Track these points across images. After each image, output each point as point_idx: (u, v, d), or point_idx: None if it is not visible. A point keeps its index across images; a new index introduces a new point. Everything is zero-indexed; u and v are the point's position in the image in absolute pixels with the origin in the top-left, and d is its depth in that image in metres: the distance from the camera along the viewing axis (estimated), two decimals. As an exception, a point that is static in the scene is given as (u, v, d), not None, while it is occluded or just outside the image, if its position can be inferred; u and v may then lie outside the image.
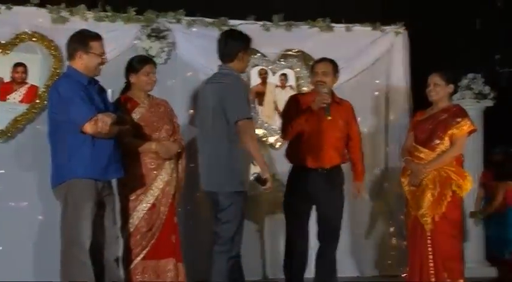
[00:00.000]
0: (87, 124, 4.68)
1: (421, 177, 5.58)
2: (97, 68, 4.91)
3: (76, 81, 4.81)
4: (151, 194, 5.35)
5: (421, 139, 5.70)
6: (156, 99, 5.59)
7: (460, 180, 5.55)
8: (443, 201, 5.52)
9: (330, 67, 5.72)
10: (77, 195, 4.75)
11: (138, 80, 5.45)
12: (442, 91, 5.69)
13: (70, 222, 4.75)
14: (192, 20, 6.91)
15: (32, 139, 6.37)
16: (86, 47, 4.85)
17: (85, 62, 4.85)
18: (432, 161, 5.59)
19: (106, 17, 6.65)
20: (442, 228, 5.53)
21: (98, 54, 4.88)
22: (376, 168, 7.34)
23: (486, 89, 7.25)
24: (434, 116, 5.72)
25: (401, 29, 7.41)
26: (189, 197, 6.56)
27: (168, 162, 5.42)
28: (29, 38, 6.47)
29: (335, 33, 7.28)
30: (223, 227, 5.00)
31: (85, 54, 4.84)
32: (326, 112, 5.53)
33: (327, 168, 5.64)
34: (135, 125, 5.32)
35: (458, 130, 5.62)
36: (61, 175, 4.80)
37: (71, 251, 4.73)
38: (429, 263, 5.54)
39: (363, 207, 7.23)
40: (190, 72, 6.92)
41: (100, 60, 4.90)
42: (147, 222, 5.34)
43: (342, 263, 6.08)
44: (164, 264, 5.38)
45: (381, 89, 7.43)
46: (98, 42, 4.91)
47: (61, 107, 4.74)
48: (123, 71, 5.53)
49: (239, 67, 5.13)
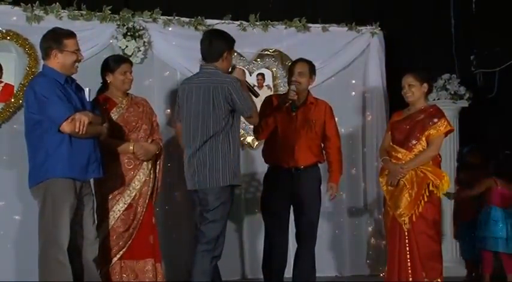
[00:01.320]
0: (65, 123, 4.64)
1: (399, 177, 5.58)
2: (73, 65, 4.85)
3: (53, 80, 4.76)
4: (128, 195, 5.31)
5: (398, 139, 5.71)
6: (135, 98, 5.54)
7: (437, 181, 5.57)
8: (420, 201, 5.52)
9: (306, 67, 5.73)
10: (55, 195, 4.69)
11: (115, 79, 5.40)
12: (417, 91, 5.69)
13: (48, 222, 4.70)
14: (168, 19, 6.87)
15: (9, 138, 6.29)
16: (60, 45, 4.79)
17: (61, 61, 4.80)
18: (409, 161, 5.59)
19: (81, 15, 6.59)
20: (419, 228, 5.53)
21: (73, 52, 4.82)
22: (354, 168, 7.34)
23: (461, 89, 7.28)
24: (411, 117, 5.72)
25: (377, 29, 7.44)
26: (168, 196, 6.52)
27: (145, 163, 5.38)
28: (3, 36, 6.39)
29: (311, 33, 7.28)
30: (209, 226, 4.96)
31: (60, 53, 4.79)
32: (292, 109, 5.59)
33: (300, 168, 5.63)
34: (113, 125, 5.27)
35: (435, 130, 5.63)
36: (39, 175, 4.74)
37: (49, 251, 4.67)
38: (407, 263, 5.55)
39: (341, 207, 7.24)
40: (167, 72, 6.89)
41: (75, 58, 4.84)
42: (123, 223, 5.30)
43: (320, 263, 6.07)
44: (143, 264, 5.35)
45: (357, 89, 7.45)
46: (72, 39, 4.85)
47: (38, 106, 4.68)
48: (99, 70, 5.48)
49: (223, 67, 5.09)
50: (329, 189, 5.80)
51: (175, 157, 6.05)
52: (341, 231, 7.24)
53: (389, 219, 5.68)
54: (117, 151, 5.29)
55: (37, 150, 4.75)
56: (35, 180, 4.78)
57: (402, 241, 5.55)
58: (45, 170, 4.71)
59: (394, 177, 5.60)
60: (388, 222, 5.71)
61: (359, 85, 7.44)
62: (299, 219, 5.69)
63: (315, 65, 6.80)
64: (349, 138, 7.32)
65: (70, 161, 4.70)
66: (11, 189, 6.16)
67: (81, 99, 4.90)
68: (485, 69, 7.62)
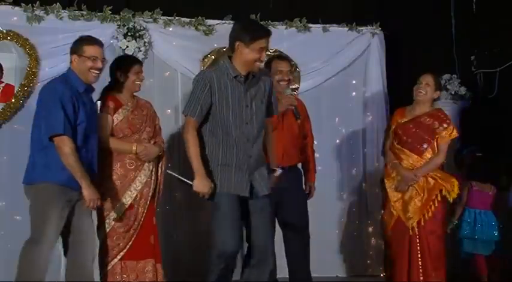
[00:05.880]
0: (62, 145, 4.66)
1: (411, 184, 5.63)
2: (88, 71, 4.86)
3: (72, 87, 4.80)
4: (129, 195, 5.29)
5: (406, 142, 5.74)
6: (140, 100, 5.54)
7: (449, 186, 5.65)
8: (430, 206, 5.62)
9: (290, 66, 5.73)
10: (45, 200, 4.72)
11: (127, 79, 5.38)
12: (430, 93, 5.75)
13: (35, 223, 4.74)
14: (169, 20, 6.87)
15: (9, 138, 6.31)
16: (79, 50, 4.86)
17: (77, 66, 4.86)
18: (422, 169, 5.66)
19: (81, 16, 6.59)
20: (430, 228, 5.63)
21: (88, 57, 4.85)
22: (354, 168, 7.35)
23: (462, 89, 7.28)
24: (417, 119, 5.76)
25: (377, 29, 7.43)
26: (168, 196, 6.51)
27: (147, 164, 5.36)
28: (3, 36, 6.39)
29: (312, 33, 7.28)
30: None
31: (78, 58, 4.86)
32: (296, 115, 5.52)
33: (285, 167, 5.50)
34: (117, 126, 5.29)
35: (444, 136, 5.72)
36: (35, 175, 4.78)
37: (30, 249, 4.71)
38: (418, 263, 5.60)
39: (341, 207, 7.26)
40: (167, 72, 6.89)
41: (91, 64, 4.85)
42: (124, 223, 5.28)
43: (320, 263, 6.10)
44: (143, 265, 5.33)
45: (358, 89, 7.44)
46: (92, 46, 4.89)
47: (44, 107, 4.72)
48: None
49: (238, 60, 4.58)
50: (307, 188, 5.81)
51: (175, 157, 6.05)
52: (341, 231, 7.25)
53: (394, 219, 5.70)
54: (119, 151, 5.29)
55: (39, 149, 4.77)
56: (30, 178, 4.82)
57: (413, 242, 5.62)
58: (40, 172, 4.74)
59: (406, 184, 5.64)
60: (392, 223, 5.73)
61: (359, 85, 7.44)
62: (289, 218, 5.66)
63: (315, 65, 6.86)
64: (349, 138, 7.33)
65: (64, 168, 4.70)
66: (11, 189, 6.13)
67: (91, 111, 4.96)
68: (485, 69, 7.61)
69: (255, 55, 4.51)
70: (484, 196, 6.64)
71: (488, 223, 6.55)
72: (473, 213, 6.60)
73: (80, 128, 4.79)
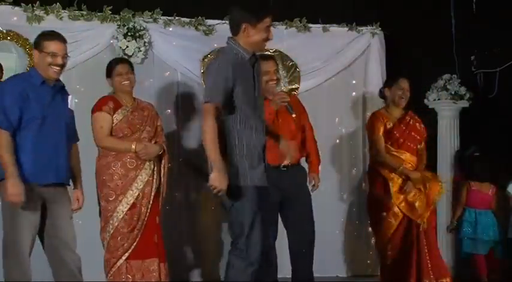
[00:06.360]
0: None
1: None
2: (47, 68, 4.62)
3: (25, 81, 4.62)
4: (131, 195, 5.31)
5: (403, 143, 5.90)
6: (142, 102, 5.56)
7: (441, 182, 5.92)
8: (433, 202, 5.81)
9: (276, 64, 5.74)
10: None
11: (113, 81, 5.44)
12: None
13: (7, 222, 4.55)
14: (169, 20, 6.86)
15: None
16: (40, 46, 4.66)
17: (37, 61, 4.68)
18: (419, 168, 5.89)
19: (81, 16, 6.58)
20: (433, 224, 5.86)
21: (47, 53, 4.61)
22: (354, 168, 7.35)
23: (462, 89, 7.28)
24: (404, 121, 5.96)
25: (377, 29, 7.43)
26: (168, 196, 6.48)
27: (148, 163, 5.38)
28: (3, 36, 6.39)
29: (312, 33, 7.27)
30: None
31: (38, 53, 4.65)
32: (290, 110, 5.49)
33: (287, 165, 5.52)
34: (116, 125, 5.32)
35: (424, 135, 6.01)
36: (1, 172, 4.51)
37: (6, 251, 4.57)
38: (427, 262, 5.68)
39: (341, 207, 7.27)
40: (167, 72, 6.88)
41: (50, 60, 4.60)
42: (127, 223, 5.29)
43: (321, 263, 6.07)
44: (148, 264, 5.35)
45: (358, 89, 7.43)
46: (52, 41, 4.65)
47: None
48: (100, 70, 5.51)
49: (246, 42, 4.26)
50: (311, 179, 5.79)
51: (175, 157, 6.04)
52: (341, 232, 7.26)
53: (399, 220, 5.79)
54: (118, 150, 5.30)
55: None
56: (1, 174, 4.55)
57: (420, 240, 5.71)
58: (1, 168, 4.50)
59: (414, 186, 5.71)
60: (396, 224, 5.79)
61: (359, 85, 7.43)
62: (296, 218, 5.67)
63: (315, 65, 6.84)
64: (349, 138, 7.33)
65: (28, 164, 4.50)
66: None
67: (60, 104, 4.72)
68: (485, 69, 7.60)
69: (263, 34, 4.26)
70: (483, 196, 6.64)
71: (488, 223, 6.56)
72: (473, 213, 6.61)
73: (34, 124, 4.53)
